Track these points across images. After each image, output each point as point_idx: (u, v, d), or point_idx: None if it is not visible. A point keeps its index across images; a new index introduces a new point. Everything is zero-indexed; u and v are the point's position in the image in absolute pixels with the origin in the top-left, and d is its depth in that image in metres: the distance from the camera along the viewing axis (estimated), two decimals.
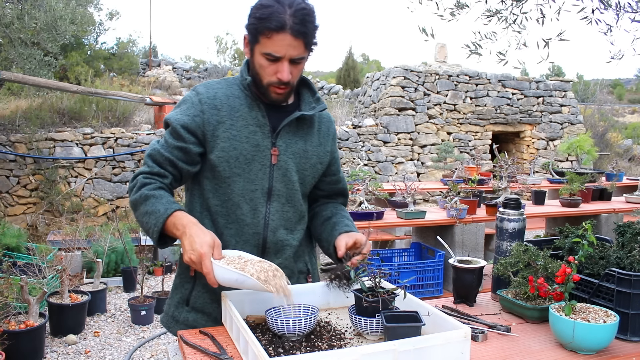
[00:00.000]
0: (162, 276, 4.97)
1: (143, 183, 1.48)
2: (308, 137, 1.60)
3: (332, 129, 1.69)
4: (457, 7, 2.45)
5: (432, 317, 1.27)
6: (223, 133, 1.50)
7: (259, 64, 1.46)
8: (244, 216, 1.52)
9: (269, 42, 1.40)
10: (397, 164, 9.19)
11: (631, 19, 2.16)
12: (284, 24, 1.37)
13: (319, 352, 1.06)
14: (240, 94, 1.55)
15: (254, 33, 1.43)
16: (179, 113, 1.53)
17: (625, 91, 26.23)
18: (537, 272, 1.56)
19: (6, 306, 3.50)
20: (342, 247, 1.47)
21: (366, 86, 10.94)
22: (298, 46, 1.42)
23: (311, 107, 1.60)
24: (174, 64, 14.14)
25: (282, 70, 1.43)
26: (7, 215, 6.36)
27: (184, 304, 1.60)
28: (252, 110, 1.53)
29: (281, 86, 1.47)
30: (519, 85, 10.21)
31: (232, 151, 1.50)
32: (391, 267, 3.44)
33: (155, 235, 1.42)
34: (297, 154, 1.57)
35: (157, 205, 1.42)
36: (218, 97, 1.53)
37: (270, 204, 1.54)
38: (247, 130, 1.51)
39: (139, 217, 1.48)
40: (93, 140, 6.85)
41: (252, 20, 1.42)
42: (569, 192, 4.14)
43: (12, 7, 6.75)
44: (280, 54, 1.41)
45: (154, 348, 3.90)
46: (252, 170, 1.51)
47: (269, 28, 1.38)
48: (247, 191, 1.52)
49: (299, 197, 1.60)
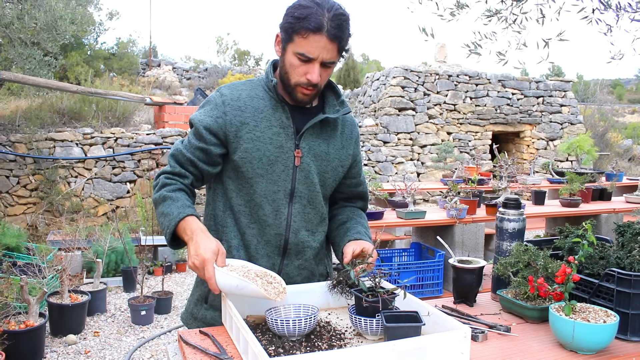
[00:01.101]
0: (162, 276, 4.97)
1: (164, 183, 1.52)
2: (331, 140, 1.60)
3: (355, 132, 1.69)
4: (457, 7, 2.45)
5: (432, 317, 1.27)
6: (246, 134, 1.51)
7: (290, 63, 1.46)
8: (266, 217, 1.54)
9: (304, 42, 1.41)
10: (397, 164, 9.19)
11: (631, 19, 2.16)
12: (322, 25, 1.38)
13: (319, 352, 1.06)
14: (264, 95, 1.56)
15: (290, 32, 1.43)
16: (202, 114, 1.54)
17: (625, 91, 26.24)
18: (537, 272, 1.56)
19: (6, 306, 3.50)
20: (348, 254, 1.48)
21: (366, 86, 10.94)
22: (332, 50, 1.43)
23: (335, 110, 1.60)
24: (174, 64, 14.15)
25: (313, 71, 1.44)
26: (7, 215, 6.36)
27: (202, 301, 1.62)
28: (276, 112, 1.54)
29: (309, 87, 1.48)
30: (519, 85, 10.21)
31: (256, 152, 1.50)
32: (391, 267, 3.44)
33: (167, 237, 1.46)
34: (319, 156, 1.58)
35: (172, 208, 1.45)
36: (242, 99, 1.54)
37: (292, 205, 1.56)
38: (271, 131, 1.52)
39: (157, 216, 1.52)
40: (93, 140, 6.84)
41: (289, 19, 1.42)
42: (569, 192, 4.14)
43: (12, 7, 6.75)
44: (313, 55, 1.42)
45: (154, 348, 3.90)
46: (275, 171, 1.52)
47: (307, 28, 1.39)
48: (269, 192, 1.53)
49: (321, 199, 1.61)
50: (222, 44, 18.29)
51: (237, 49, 18.24)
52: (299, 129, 1.55)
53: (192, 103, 8.53)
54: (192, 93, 11.80)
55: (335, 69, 1.77)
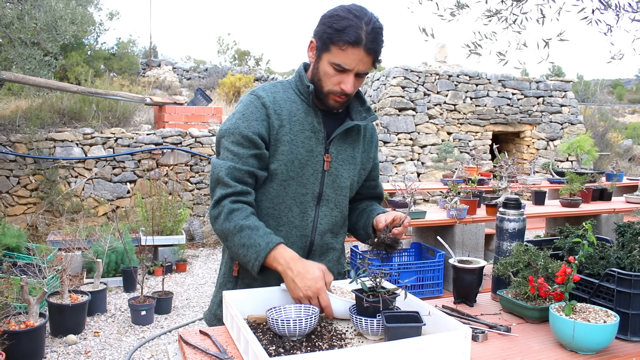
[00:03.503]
0: (162, 276, 4.97)
1: (231, 209, 1.46)
2: (356, 145, 1.65)
3: (375, 136, 1.76)
4: (457, 7, 2.45)
5: (432, 317, 1.27)
6: (283, 137, 1.52)
7: (324, 72, 1.49)
8: (293, 218, 1.56)
9: (341, 54, 1.43)
10: (397, 164, 9.19)
11: (631, 19, 2.16)
12: (361, 39, 1.41)
13: (319, 352, 1.06)
14: (296, 99, 1.57)
15: (327, 42, 1.45)
16: (244, 120, 1.51)
17: (625, 91, 26.24)
18: (537, 272, 1.56)
19: (6, 306, 3.50)
20: (382, 221, 1.55)
21: (366, 86, 10.94)
22: (367, 62, 1.46)
23: (362, 116, 1.64)
24: (174, 64, 14.15)
25: (348, 82, 1.47)
26: (7, 215, 6.36)
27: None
28: (308, 116, 1.56)
29: (342, 96, 1.51)
30: (519, 85, 10.21)
31: (289, 155, 1.52)
32: (391, 267, 3.44)
33: (256, 269, 1.43)
34: (347, 160, 1.62)
35: (256, 239, 1.42)
36: (277, 101, 1.55)
37: (319, 208, 1.58)
38: (303, 135, 1.54)
39: (233, 248, 1.47)
40: (93, 140, 6.85)
41: (327, 29, 1.44)
42: (569, 192, 4.14)
43: (12, 7, 6.75)
44: (350, 67, 1.44)
45: (154, 348, 3.90)
46: (304, 174, 1.55)
47: (346, 41, 1.41)
48: (298, 195, 1.55)
49: (346, 202, 1.66)
50: (222, 44, 18.30)
51: (237, 49, 18.24)
52: (329, 134, 1.58)
53: (192, 103, 8.53)
54: (192, 93, 11.80)
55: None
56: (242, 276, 1.61)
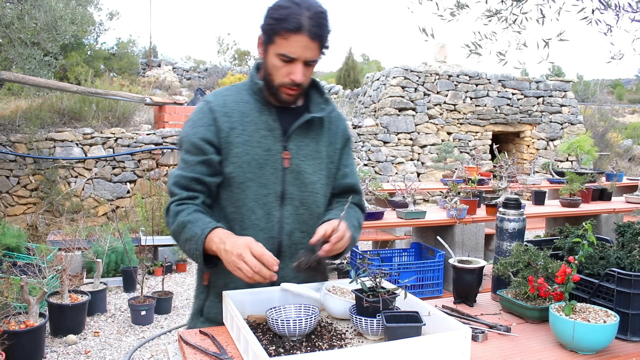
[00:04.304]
0: (162, 276, 4.97)
1: (177, 211, 1.46)
2: (320, 138, 1.60)
3: (341, 125, 1.68)
4: (457, 7, 2.45)
5: (432, 317, 1.27)
6: (236, 139, 1.50)
7: (273, 65, 1.46)
8: (258, 221, 1.52)
9: (285, 43, 1.41)
10: (397, 164, 9.19)
11: (631, 19, 2.16)
12: (302, 25, 1.38)
13: (319, 352, 1.06)
14: (249, 99, 1.55)
15: (270, 33, 1.43)
16: (192, 127, 1.52)
17: (625, 91, 26.24)
18: (537, 272, 1.56)
19: (6, 306, 3.50)
20: (318, 233, 1.42)
21: (366, 86, 10.94)
22: (313, 48, 1.43)
23: (320, 108, 1.60)
24: (174, 64, 14.15)
25: (296, 71, 1.44)
26: (7, 215, 6.36)
27: (199, 314, 1.60)
28: (262, 115, 1.53)
29: (293, 87, 1.48)
30: (519, 85, 10.21)
31: (245, 156, 1.49)
32: (391, 267, 3.44)
33: (199, 259, 1.40)
34: (310, 155, 1.57)
35: (195, 229, 1.40)
36: (228, 104, 1.53)
37: (283, 207, 1.53)
38: (259, 134, 1.51)
39: (182, 246, 1.46)
40: (93, 140, 6.85)
41: (269, 20, 1.42)
42: (569, 192, 4.14)
43: (12, 7, 6.75)
44: (295, 55, 1.42)
45: (154, 348, 3.90)
46: (264, 174, 1.51)
47: (286, 29, 1.38)
48: (260, 196, 1.51)
49: (315, 199, 1.58)
50: (222, 44, 18.30)
51: (237, 49, 18.25)
52: (286, 131, 1.54)
53: (192, 103, 8.53)
54: (192, 93, 11.80)
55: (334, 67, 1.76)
56: (212, 284, 1.57)
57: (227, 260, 1.33)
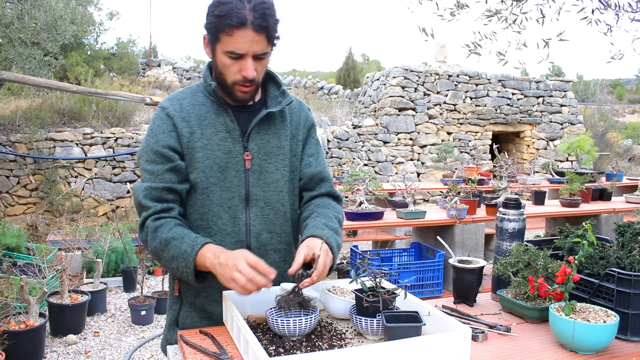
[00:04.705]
0: (162, 276, 4.97)
1: (155, 227, 1.41)
2: (281, 132, 1.55)
3: (302, 117, 1.62)
4: (457, 7, 2.45)
5: (432, 317, 1.27)
6: (196, 143, 1.46)
7: (222, 63, 1.42)
8: (224, 226, 1.48)
9: (230, 40, 1.36)
10: (397, 164, 9.19)
11: (631, 18, 2.16)
12: (245, 19, 1.33)
13: (319, 352, 1.06)
14: (205, 101, 1.51)
15: (214, 32, 1.38)
16: (152, 136, 1.47)
17: (625, 91, 26.25)
18: (537, 272, 1.56)
19: (6, 306, 3.50)
20: (297, 261, 1.32)
21: (366, 86, 10.94)
22: (261, 41, 1.38)
23: (277, 102, 1.55)
24: (174, 64, 14.15)
25: (247, 67, 1.40)
26: (7, 215, 6.36)
27: (174, 325, 1.58)
28: (219, 116, 1.49)
29: (246, 84, 1.43)
30: (519, 85, 10.21)
31: (206, 160, 1.46)
32: (391, 267, 3.44)
33: (191, 277, 1.37)
34: (272, 152, 1.52)
35: (182, 246, 1.36)
36: (184, 109, 1.49)
37: (249, 209, 1.50)
38: (218, 137, 1.47)
39: (166, 264, 1.42)
40: (93, 140, 6.85)
41: (211, 18, 1.38)
42: (569, 192, 4.14)
43: (12, 7, 6.75)
44: (243, 50, 1.37)
45: (154, 348, 3.90)
46: (227, 177, 1.47)
47: (230, 25, 1.34)
48: (224, 200, 1.48)
49: (279, 197, 1.54)
50: None
51: None
52: (245, 131, 1.50)
53: None
54: None
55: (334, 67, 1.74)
56: (184, 295, 1.55)
57: (221, 274, 1.29)
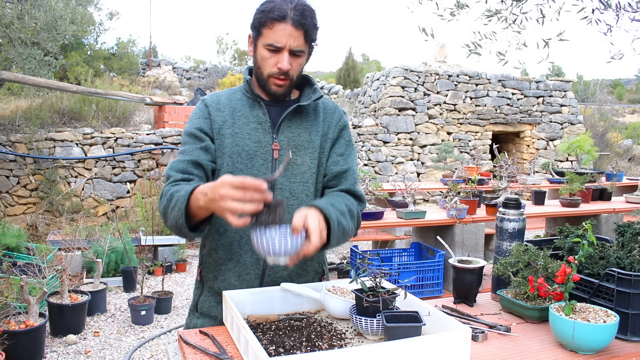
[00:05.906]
0: (162, 276, 4.97)
1: (168, 190, 1.44)
2: (312, 128, 1.62)
3: (336, 117, 1.67)
4: (457, 7, 2.45)
5: (432, 317, 1.27)
6: (226, 130, 1.56)
7: (261, 56, 1.52)
8: None
9: (270, 33, 1.46)
10: (397, 164, 9.19)
11: (631, 18, 2.16)
12: (286, 14, 1.45)
13: (319, 352, 1.06)
14: (242, 97, 1.63)
15: (258, 26, 1.49)
16: (189, 123, 1.61)
17: (625, 91, 26.25)
18: (537, 272, 1.57)
19: (6, 306, 3.50)
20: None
21: (366, 86, 10.94)
22: (298, 37, 1.47)
23: (308, 97, 1.64)
24: (174, 64, 14.15)
25: (282, 59, 1.48)
26: (7, 215, 6.36)
27: (194, 310, 1.65)
28: (253, 109, 1.59)
29: (281, 77, 1.52)
30: (519, 85, 10.21)
31: (235, 147, 1.54)
32: (391, 267, 3.44)
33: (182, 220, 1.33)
34: (302, 145, 1.59)
35: (178, 195, 1.37)
36: (221, 101, 1.62)
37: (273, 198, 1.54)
38: (249, 127, 1.57)
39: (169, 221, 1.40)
40: (93, 140, 6.85)
41: (257, 15, 1.50)
42: (569, 192, 4.14)
43: (12, 7, 6.75)
44: (281, 43, 1.47)
45: (154, 348, 3.90)
46: (254, 165, 1.55)
47: (271, 18, 1.45)
48: None
49: (304, 188, 1.58)
50: (222, 44, 18.29)
51: (237, 49, 18.23)
52: (275, 123, 1.59)
53: (192, 103, 8.53)
54: (192, 93, 11.80)
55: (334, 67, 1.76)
56: (205, 278, 1.63)
57: (216, 209, 1.27)
